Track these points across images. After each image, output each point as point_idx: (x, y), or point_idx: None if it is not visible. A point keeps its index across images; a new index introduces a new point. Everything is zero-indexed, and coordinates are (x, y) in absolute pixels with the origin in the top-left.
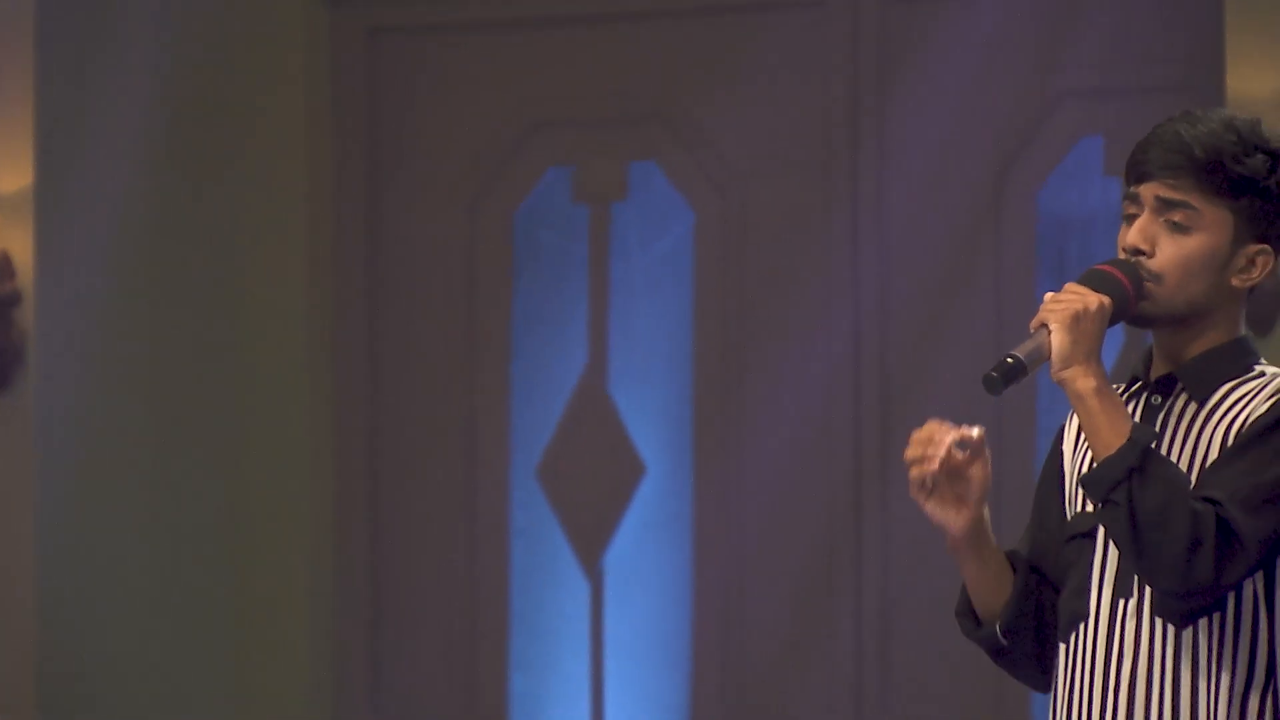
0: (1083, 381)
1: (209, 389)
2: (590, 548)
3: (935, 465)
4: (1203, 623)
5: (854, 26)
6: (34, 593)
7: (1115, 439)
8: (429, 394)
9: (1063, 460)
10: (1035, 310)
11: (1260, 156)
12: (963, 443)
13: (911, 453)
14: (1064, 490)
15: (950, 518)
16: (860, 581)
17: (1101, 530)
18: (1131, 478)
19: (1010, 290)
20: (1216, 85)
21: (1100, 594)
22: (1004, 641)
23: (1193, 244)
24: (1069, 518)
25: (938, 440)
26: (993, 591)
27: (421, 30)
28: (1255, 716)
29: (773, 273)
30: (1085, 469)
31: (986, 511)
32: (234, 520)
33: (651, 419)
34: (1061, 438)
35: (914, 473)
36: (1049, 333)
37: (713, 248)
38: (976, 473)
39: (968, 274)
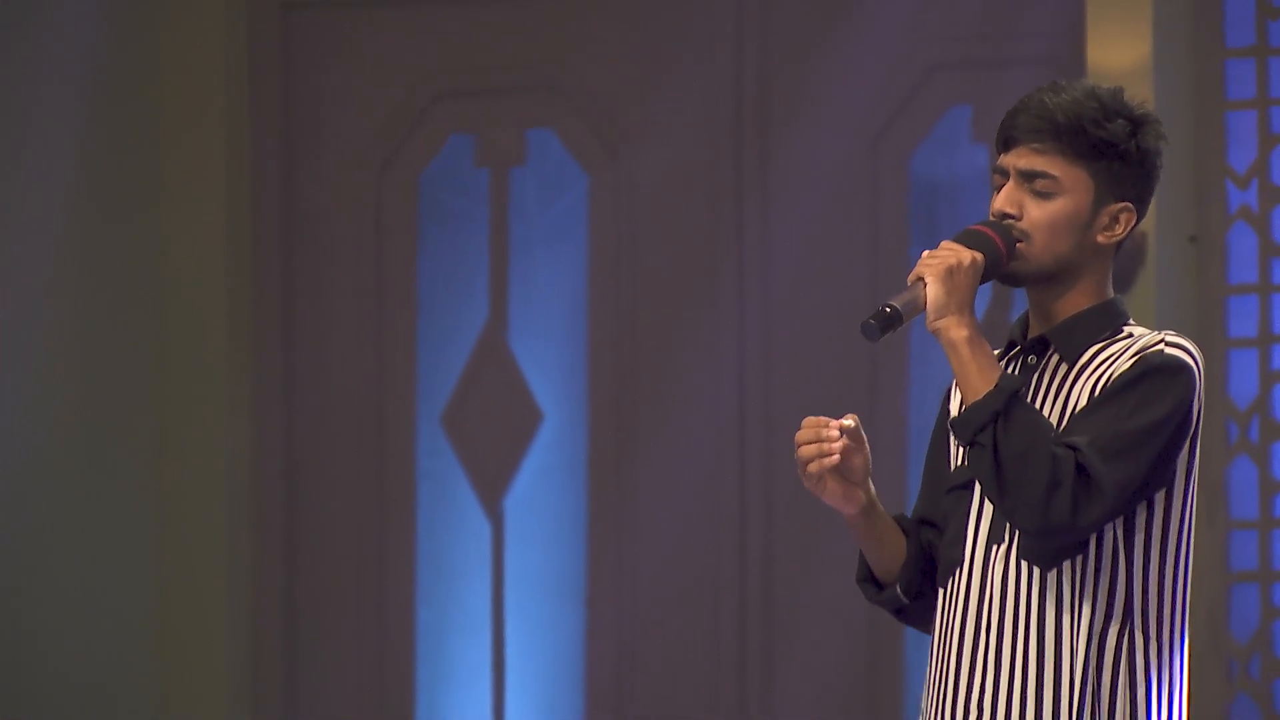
0: (955, 331)
1: (132, 342)
2: (491, 490)
3: (837, 458)
4: (1066, 565)
5: (739, 3)
6: None
7: (983, 385)
8: (341, 345)
9: (949, 418)
10: (908, 267)
11: (1121, 122)
12: (842, 431)
13: (807, 451)
14: (949, 446)
15: (843, 502)
16: (744, 513)
17: (978, 481)
18: (996, 421)
19: (885, 248)
20: (1078, 58)
21: (975, 541)
22: (905, 601)
23: (1056, 207)
24: (952, 471)
25: (828, 434)
26: (890, 557)
27: (333, 6)
28: (1113, 650)
29: (661, 232)
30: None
31: (872, 486)
32: (154, 465)
33: (549, 369)
34: (949, 397)
35: (813, 468)
36: (924, 285)
37: (605, 209)
38: (857, 457)
39: (845, 234)
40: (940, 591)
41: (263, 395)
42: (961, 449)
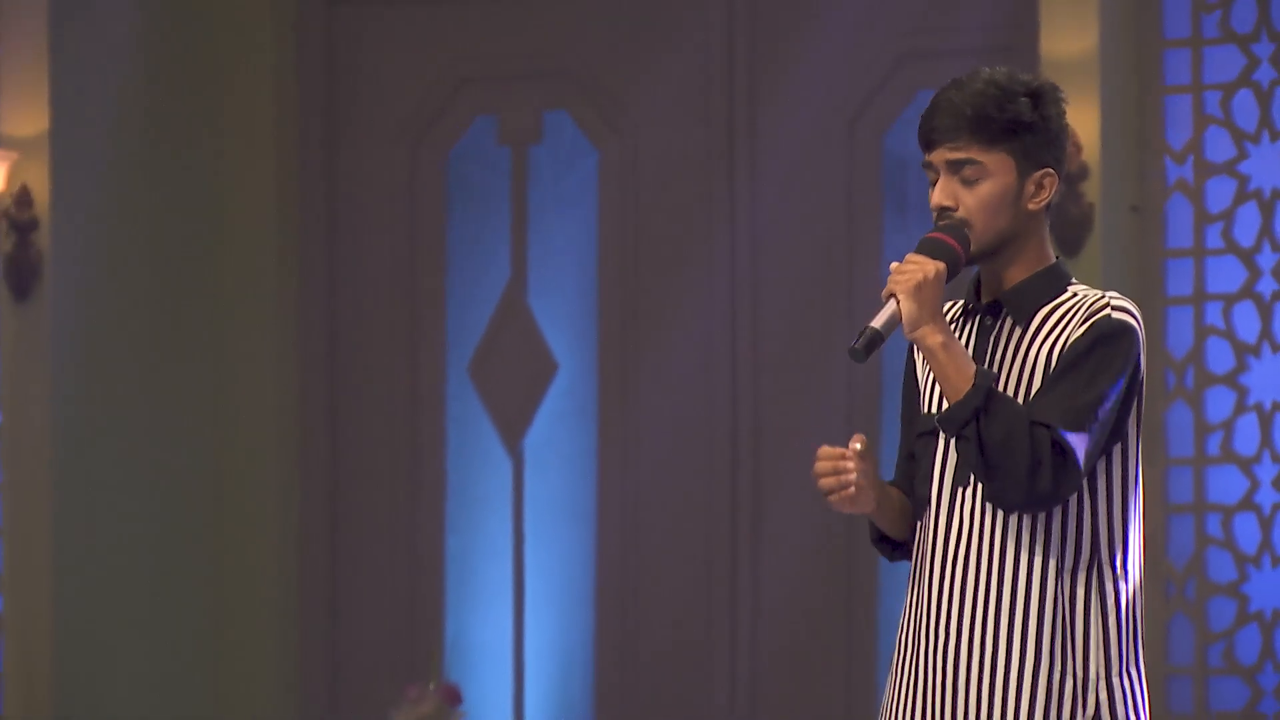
0: (931, 338)
1: (193, 292)
2: (512, 431)
3: (853, 488)
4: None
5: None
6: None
7: (963, 383)
8: (378, 303)
9: (915, 372)
10: (881, 232)
11: (1023, 100)
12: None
13: (828, 483)
14: (919, 398)
15: (860, 507)
16: (735, 453)
17: (969, 469)
18: (978, 417)
19: (860, 216)
20: (1031, 48)
21: (942, 483)
22: None
23: (986, 190)
24: (921, 416)
25: (844, 466)
26: (900, 521)
27: (372, 1)
28: (1084, 589)
29: (662, 201)
30: (935, 392)
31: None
32: (211, 415)
33: (564, 325)
34: (913, 353)
35: (834, 500)
36: (898, 302)
37: (614, 182)
38: (869, 468)
39: (825, 203)
40: (918, 524)
41: (308, 348)
42: (930, 396)
